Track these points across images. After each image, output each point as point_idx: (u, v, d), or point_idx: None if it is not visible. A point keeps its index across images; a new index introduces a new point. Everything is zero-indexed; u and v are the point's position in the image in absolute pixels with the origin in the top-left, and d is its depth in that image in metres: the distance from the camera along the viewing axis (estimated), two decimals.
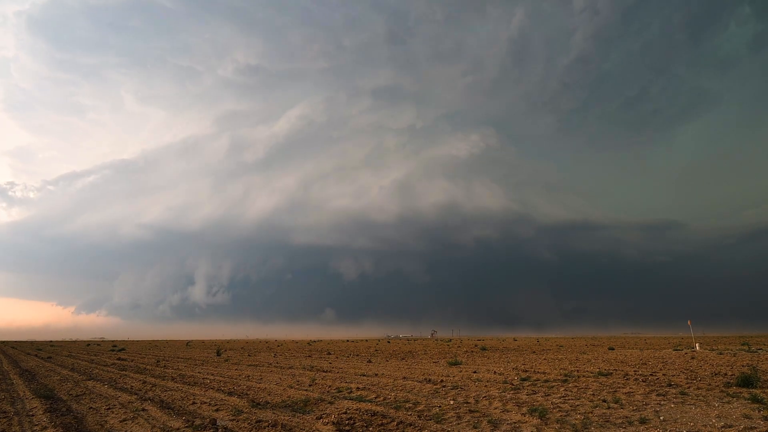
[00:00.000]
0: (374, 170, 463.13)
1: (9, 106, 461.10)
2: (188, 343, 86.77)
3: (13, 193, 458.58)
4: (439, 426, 8.53)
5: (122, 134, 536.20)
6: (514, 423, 8.62)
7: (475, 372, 18.38)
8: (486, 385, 13.94)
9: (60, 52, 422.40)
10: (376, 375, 18.07)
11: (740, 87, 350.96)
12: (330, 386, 14.50)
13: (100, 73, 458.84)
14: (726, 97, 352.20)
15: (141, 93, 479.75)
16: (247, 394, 13.07)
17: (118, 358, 33.84)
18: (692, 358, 24.93)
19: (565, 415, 9.13)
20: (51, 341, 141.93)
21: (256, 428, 8.62)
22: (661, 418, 8.68)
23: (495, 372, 18.29)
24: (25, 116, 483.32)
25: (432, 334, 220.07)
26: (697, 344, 40.51)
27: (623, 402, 10.42)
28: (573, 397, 11.28)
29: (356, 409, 10.10)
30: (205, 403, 11.70)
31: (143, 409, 10.93)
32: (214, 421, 9.24)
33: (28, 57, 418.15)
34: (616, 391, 12.00)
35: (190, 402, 11.90)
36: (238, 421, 9.25)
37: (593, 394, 11.65)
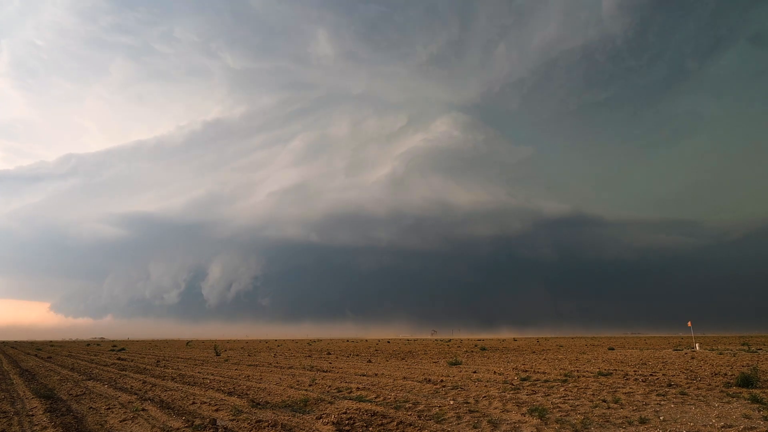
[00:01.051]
0: (358, 169, 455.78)
1: (19, 74, 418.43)
2: (188, 343, 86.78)
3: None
4: (439, 426, 8.53)
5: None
6: (514, 423, 8.62)
7: (475, 372, 18.38)
8: (486, 385, 13.94)
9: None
10: (376, 375, 18.07)
11: (737, 111, 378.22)
12: (330, 386, 14.50)
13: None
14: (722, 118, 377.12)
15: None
16: (247, 394, 13.07)
17: (118, 358, 33.85)
18: (692, 358, 24.94)
19: (565, 415, 9.13)
20: (51, 341, 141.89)
21: (256, 428, 8.62)
22: (661, 418, 8.68)
23: (495, 372, 18.29)
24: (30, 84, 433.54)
25: (432, 334, 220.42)
26: (697, 344, 40.52)
27: (623, 402, 10.42)
28: (573, 397, 11.28)
29: (356, 409, 10.10)
30: (205, 403, 11.70)
31: (143, 409, 10.93)
32: (214, 421, 9.24)
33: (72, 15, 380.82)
34: (616, 391, 12.00)
35: (190, 402, 11.90)
36: (238, 421, 9.26)
37: (593, 394, 11.65)
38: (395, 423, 8.74)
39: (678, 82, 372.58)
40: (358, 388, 13.68)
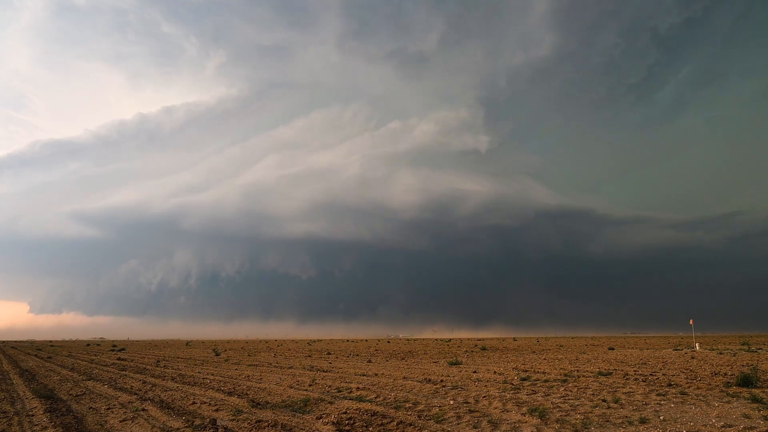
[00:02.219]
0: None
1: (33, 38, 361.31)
2: (188, 343, 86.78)
3: None
4: (439, 426, 8.53)
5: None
6: (514, 423, 8.62)
7: (475, 372, 18.38)
8: (486, 385, 13.94)
9: None
10: (376, 375, 18.07)
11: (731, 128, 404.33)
12: (330, 386, 14.50)
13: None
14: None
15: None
16: (247, 394, 13.07)
17: (118, 358, 33.84)
18: (692, 357, 24.94)
19: (565, 415, 9.12)
20: (50, 341, 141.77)
21: (256, 428, 8.62)
22: (661, 417, 8.68)
23: (495, 372, 18.29)
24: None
25: (432, 333, 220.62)
26: (697, 344, 40.52)
27: (623, 402, 10.42)
28: (573, 397, 11.28)
29: (356, 409, 10.10)
30: (205, 403, 11.69)
31: (143, 409, 10.93)
32: (214, 421, 9.23)
33: None
34: (616, 391, 12.00)
35: (190, 402, 11.90)
36: (238, 421, 9.25)
37: (593, 394, 11.65)
38: (395, 423, 8.74)
39: (678, 106, 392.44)
40: (358, 388, 13.68)
